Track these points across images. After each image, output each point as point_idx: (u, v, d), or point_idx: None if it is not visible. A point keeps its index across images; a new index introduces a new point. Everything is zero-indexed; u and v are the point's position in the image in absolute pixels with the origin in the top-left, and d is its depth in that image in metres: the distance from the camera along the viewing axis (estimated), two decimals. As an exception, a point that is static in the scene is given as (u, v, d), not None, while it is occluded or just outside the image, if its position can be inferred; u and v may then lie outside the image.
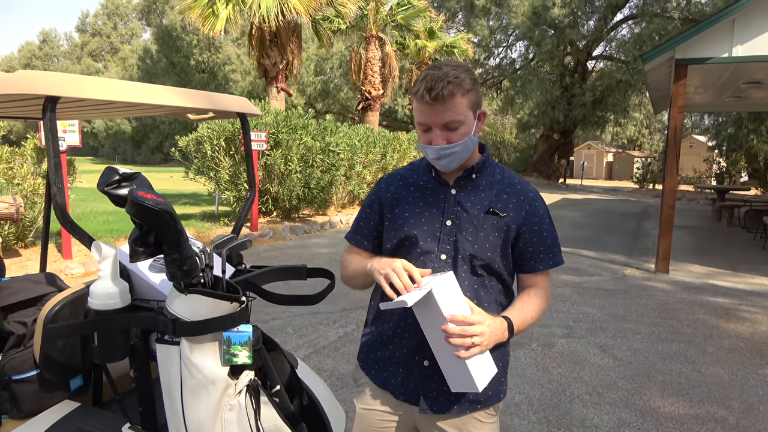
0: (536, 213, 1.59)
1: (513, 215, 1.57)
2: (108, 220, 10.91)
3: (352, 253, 1.76)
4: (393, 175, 1.75)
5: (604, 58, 26.85)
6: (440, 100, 1.42)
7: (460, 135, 1.48)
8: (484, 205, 1.57)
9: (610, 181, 38.83)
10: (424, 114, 1.47)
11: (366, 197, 1.80)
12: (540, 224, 1.59)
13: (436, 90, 1.42)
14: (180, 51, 42.93)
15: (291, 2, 10.80)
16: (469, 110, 1.48)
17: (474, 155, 1.62)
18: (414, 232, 1.59)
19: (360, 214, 1.76)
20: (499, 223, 1.56)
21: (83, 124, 57.65)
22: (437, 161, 1.53)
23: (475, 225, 1.56)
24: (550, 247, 1.61)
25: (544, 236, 1.60)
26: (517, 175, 1.70)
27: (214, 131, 9.73)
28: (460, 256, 1.56)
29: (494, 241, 1.56)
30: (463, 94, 1.45)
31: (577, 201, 19.57)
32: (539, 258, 1.60)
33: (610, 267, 8.09)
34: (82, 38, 64.89)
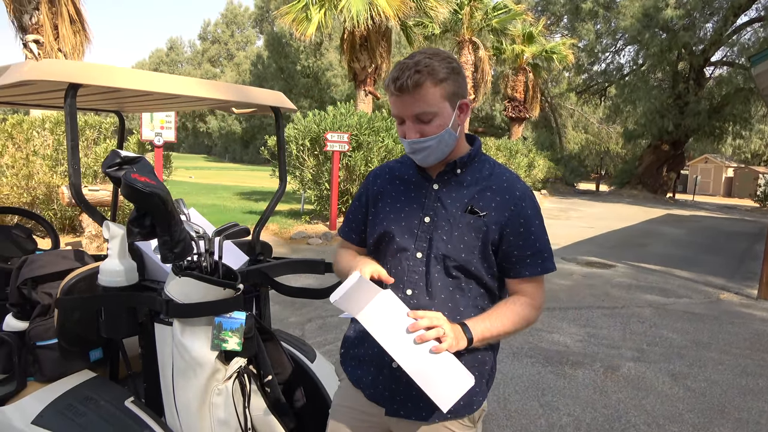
0: (522, 213, 1.47)
1: (494, 215, 1.47)
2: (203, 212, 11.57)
3: (343, 247, 1.74)
4: (382, 168, 1.70)
5: (723, 63, 24.58)
6: (406, 91, 1.36)
7: (435, 127, 1.40)
8: (464, 202, 1.49)
9: (728, 198, 35.46)
10: (395, 105, 1.42)
11: None
12: (526, 226, 1.47)
13: (401, 80, 1.35)
14: (288, 57, 45.07)
15: (380, 6, 10.95)
16: (444, 101, 1.39)
17: (459, 149, 1.53)
18: (392, 228, 1.54)
19: (351, 206, 1.74)
20: (476, 223, 1.46)
21: (200, 124, 62.29)
22: (413, 155, 1.48)
23: (451, 223, 1.47)
24: (538, 252, 1.48)
25: (531, 240, 1.48)
26: (509, 171, 1.58)
27: (300, 132, 10.08)
28: (433, 256, 1.48)
29: (470, 242, 1.46)
30: (434, 83, 1.36)
31: (682, 217, 18.06)
32: (525, 263, 1.48)
33: (704, 290, 7.37)
34: (203, 45, 70.15)
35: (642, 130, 25.42)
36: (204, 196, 15.81)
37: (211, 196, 15.93)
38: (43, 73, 1.79)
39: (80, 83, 1.83)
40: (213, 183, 22.30)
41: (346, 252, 1.69)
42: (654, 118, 22.88)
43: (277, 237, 9.47)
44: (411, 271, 1.50)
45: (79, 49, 10.53)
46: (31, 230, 2.64)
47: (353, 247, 1.70)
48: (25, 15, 9.98)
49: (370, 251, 1.64)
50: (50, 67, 1.81)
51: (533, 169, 18.62)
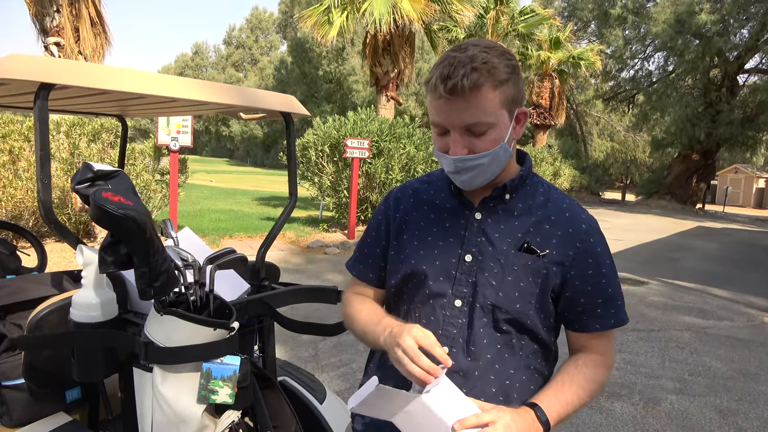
0: (591, 251, 1.17)
1: (557, 254, 1.16)
2: (219, 218, 11.48)
3: (356, 290, 1.41)
4: (404, 189, 1.38)
5: (759, 71, 23.74)
6: (460, 94, 1.05)
7: (489, 142, 1.10)
8: (517, 237, 1.18)
9: (759, 210, 34.33)
10: (439, 111, 1.10)
11: (373, 215, 1.44)
12: (596, 267, 1.17)
13: (454, 78, 1.04)
14: (311, 62, 45.13)
15: (404, 9, 10.68)
16: (502, 108, 1.09)
17: (509, 169, 1.22)
18: (423, 267, 1.23)
19: (364, 237, 1.42)
20: (535, 265, 1.16)
21: (222, 128, 62.81)
22: (456, 176, 1.16)
23: (502, 264, 1.17)
24: (610, 300, 1.18)
25: (602, 284, 1.17)
26: (567, 196, 1.26)
27: (319, 137, 9.84)
28: (478, 305, 1.17)
29: (527, 288, 1.15)
30: (494, 86, 1.07)
31: (714, 230, 17.39)
32: (595, 313, 1.18)
33: (746, 311, 6.88)
34: (228, 50, 70.87)
35: (671, 138, 24.70)
36: (222, 201, 15.68)
37: (229, 201, 15.80)
38: (8, 71, 1.52)
39: (53, 83, 1.55)
40: (233, 187, 22.24)
41: (361, 301, 1.36)
42: (684, 126, 22.18)
43: (294, 245, 9.22)
44: (448, 324, 1.19)
45: (99, 51, 10.44)
46: (15, 246, 2.39)
47: (369, 289, 1.38)
48: (46, 17, 9.93)
49: (391, 294, 1.32)
50: (17, 64, 1.53)
51: (558, 178, 18.13)
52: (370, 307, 1.31)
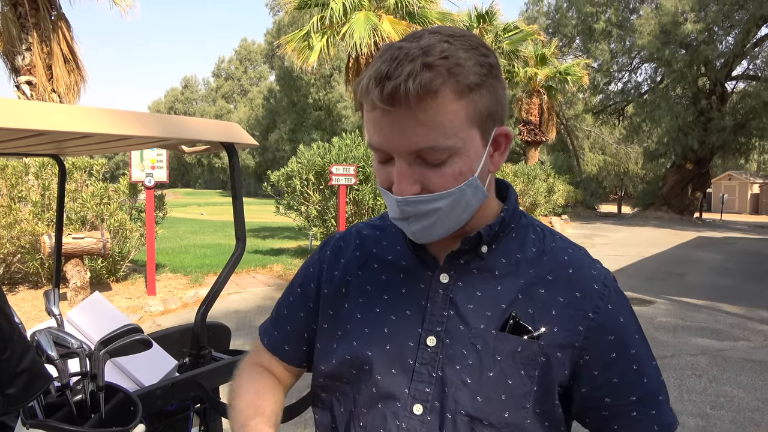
0: (612, 325, 0.79)
1: (559, 331, 0.78)
2: (205, 254, 11.05)
3: (259, 361, 1.00)
4: (348, 236, 0.98)
5: (746, 77, 23.71)
6: (403, 103, 0.69)
7: (450, 176, 0.74)
8: (500, 309, 0.80)
9: (756, 216, 34.11)
10: (376, 128, 0.73)
11: (301, 265, 1.03)
12: (622, 348, 0.79)
13: (396, 79, 0.68)
14: (299, 90, 45.23)
15: (384, 30, 10.46)
16: (471, 127, 0.73)
17: (486, 209, 0.83)
18: (367, 354, 0.84)
19: (286, 292, 1.01)
20: (528, 351, 0.78)
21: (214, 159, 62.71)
22: (403, 224, 0.78)
23: (478, 352, 0.79)
24: (648, 396, 0.80)
25: (634, 373, 0.79)
26: (571, 244, 0.87)
27: (303, 165, 9.50)
28: (449, 415, 0.78)
29: (519, 388, 0.78)
30: (458, 92, 0.70)
31: (715, 240, 17.04)
32: (629, 417, 0.80)
33: (760, 329, 6.47)
34: (217, 82, 71.19)
35: (665, 149, 24.53)
36: (210, 235, 15.28)
37: (218, 235, 15.40)
38: None
39: None
40: (223, 220, 21.85)
41: (253, 378, 0.96)
42: (677, 136, 22.01)
43: (281, 279, 8.79)
44: None
45: (73, 88, 10.16)
46: None
47: (279, 366, 0.98)
48: (17, 56, 9.64)
49: (320, 386, 0.91)
50: None
51: (553, 195, 17.82)
52: (257, 390, 0.92)
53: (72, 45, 10.09)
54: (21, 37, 9.42)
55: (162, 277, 8.36)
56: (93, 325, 1.36)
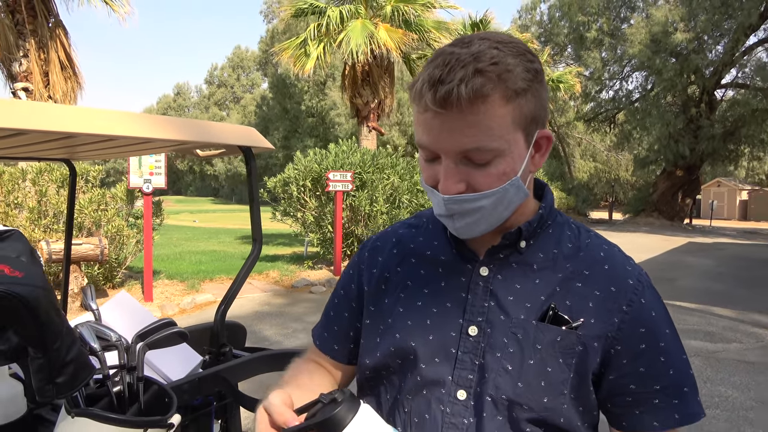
0: (644, 318, 0.84)
1: (596, 323, 0.83)
2: (200, 260, 11.06)
3: (311, 357, 1.06)
4: (385, 236, 1.04)
5: (735, 85, 24.07)
6: (455, 106, 0.73)
7: (495, 176, 0.79)
8: (540, 302, 0.85)
9: (744, 222, 34.50)
10: (426, 129, 0.78)
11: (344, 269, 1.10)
12: (652, 340, 0.84)
13: (448, 84, 0.73)
14: (292, 97, 45.28)
15: (381, 38, 10.56)
16: (516, 130, 0.78)
17: (525, 207, 0.89)
18: (411, 344, 0.89)
19: (332, 295, 1.07)
20: (566, 340, 0.83)
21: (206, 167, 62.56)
22: (448, 220, 0.84)
23: (519, 341, 0.84)
24: (673, 386, 0.84)
25: (661, 364, 0.84)
26: (606, 241, 0.92)
27: (300, 172, 9.56)
28: (489, 399, 0.84)
29: (557, 375, 0.83)
30: (507, 97, 0.75)
31: (706, 245, 17.23)
32: (651, 405, 0.83)
33: (753, 331, 6.58)
34: (210, 89, 71.15)
35: (655, 156, 24.79)
36: (204, 242, 15.27)
37: (212, 242, 15.38)
38: None
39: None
40: (216, 227, 21.82)
41: (302, 365, 1.03)
42: (668, 143, 22.27)
43: (278, 285, 8.82)
44: (449, 426, 0.85)
45: (70, 95, 10.17)
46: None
47: (330, 363, 1.04)
48: (14, 63, 9.65)
49: (366, 378, 0.97)
50: None
51: (546, 201, 17.97)
52: (303, 369, 0.98)
53: (69, 51, 10.11)
54: (18, 44, 9.43)
55: (158, 284, 8.37)
56: (123, 320, 1.41)
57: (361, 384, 1.00)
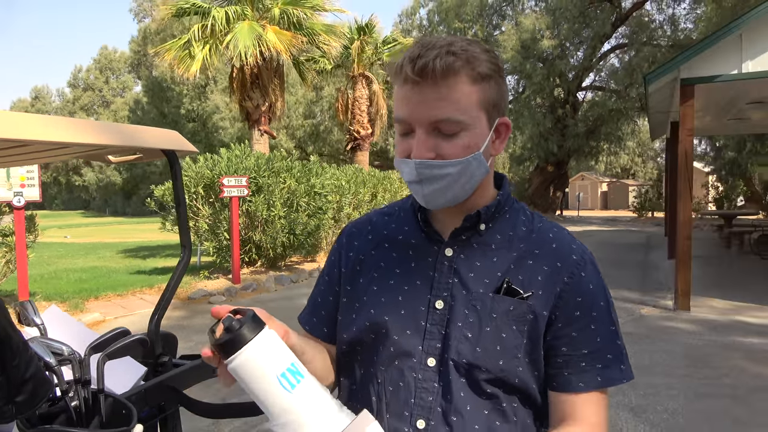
0: (581, 289, 0.95)
1: (543, 294, 0.94)
2: (81, 278, 10.20)
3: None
4: (360, 223, 1.13)
5: (594, 88, 26.72)
6: (430, 77, 0.86)
7: (460, 147, 0.89)
8: (496, 277, 0.95)
9: (606, 211, 38.42)
10: (403, 102, 0.90)
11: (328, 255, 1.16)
12: (585, 309, 0.95)
13: (425, 58, 0.86)
14: (170, 101, 43.01)
15: (270, 41, 10.40)
16: (480, 110, 0.90)
17: (484, 192, 1.00)
18: (384, 318, 0.98)
19: (317, 283, 1.14)
20: (518, 310, 0.94)
21: (74, 178, 57.43)
22: (417, 186, 0.93)
23: (478, 311, 0.94)
24: (598, 351, 0.95)
25: (590, 331, 0.95)
26: (555, 225, 1.04)
27: (191, 179, 9.15)
28: (451, 363, 0.94)
29: (511, 340, 0.93)
30: (473, 78, 0.89)
31: (578, 233, 18.94)
32: (578, 368, 0.94)
33: (624, 306, 7.38)
34: (75, 93, 65.27)
35: (529, 153, 26.76)
36: (82, 258, 14.06)
37: (91, 257, 14.20)
38: None
39: None
40: (93, 242, 20.14)
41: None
42: (539, 141, 24.16)
43: (175, 299, 8.36)
44: (421, 389, 0.95)
45: None
46: None
47: (320, 343, 1.09)
48: None
49: (342, 353, 1.05)
50: None
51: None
52: (307, 341, 1.03)
53: None
54: None
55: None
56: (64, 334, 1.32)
57: (338, 359, 1.07)
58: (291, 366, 0.77)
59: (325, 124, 33.57)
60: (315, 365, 0.99)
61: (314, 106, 34.15)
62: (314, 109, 34.31)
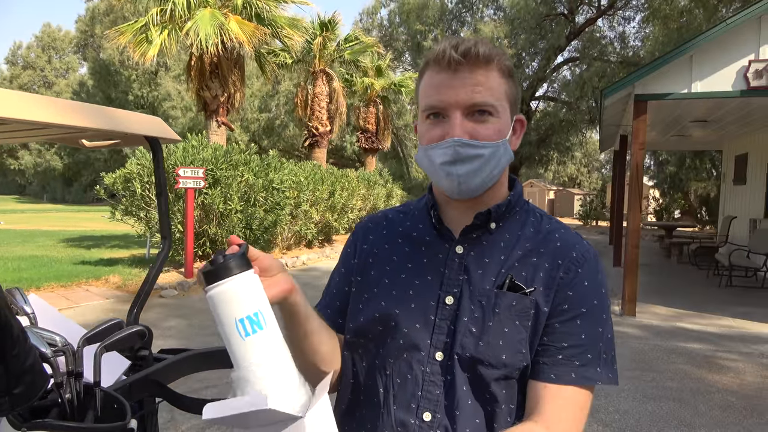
0: (574, 284, 0.96)
1: (543, 290, 0.96)
2: (19, 267, 9.67)
3: None
4: (376, 218, 1.15)
5: (547, 98, 27.55)
6: (474, 61, 0.93)
7: (493, 131, 0.95)
8: (502, 274, 0.98)
9: (553, 217, 39.66)
10: (440, 88, 0.95)
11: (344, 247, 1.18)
12: (574, 304, 0.95)
13: (467, 44, 0.94)
14: (118, 86, 41.42)
15: (232, 31, 10.17)
16: (506, 101, 0.98)
17: (500, 188, 1.03)
18: (395, 311, 1.00)
19: (332, 274, 1.16)
20: (521, 304, 0.95)
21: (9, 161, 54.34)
22: (451, 167, 0.94)
23: (482, 306, 0.96)
24: (579, 347, 0.94)
25: (576, 326, 0.94)
26: (564, 226, 1.06)
27: (144, 167, 8.84)
28: (456, 357, 0.96)
29: (514, 335, 0.94)
30: (502, 71, 0.97)
31: (527, 239, 19.49)
32: (555, 359, 0.93)
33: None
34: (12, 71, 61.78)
35: (483, 159, 27.32)
36: (20, 246, 13.33)
37: (29, 246, 13.48)
38: None
39: None
40: (30, 229, 19.14)
41: None
42: (494, 147, 24.72)
43: (122, 291, 8.08)
44: (428, 383, 0.96)
45: None
46: None
47: (337, 336, 1.09)
48: None
49: (348, 343, 1.06)
50: None
51: (392, 199, 18.84)
52: None
53: None
54: None
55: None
56: (52, 324, 1.26)
57: (343, 352, 1.07)
58: (254, 314, 0.76)
59: (281, 118, 33.14)
60: (320, 338, 1.00)
61: (270, 100, 33.66)
62: (270, 103, 33.81)
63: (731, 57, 6.52)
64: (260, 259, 0.87)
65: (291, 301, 0.92)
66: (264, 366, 0.73)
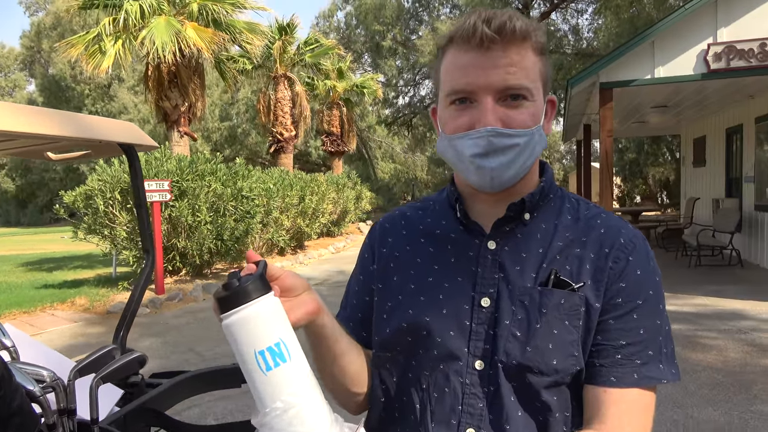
0: (627, 274, 0.87)
1: (593, 284, 0.86)
2: (-23, 295, 9.16)
3: None
4: (393, 218, 1.03)
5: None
6: (509, 37, 0.82)
7: (528, 116, 0.85)
8: (543, 269, 0.88)
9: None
10: (468, 70, 0.83)
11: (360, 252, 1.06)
12: (629, 296, 0.86)
13: (500, 19, 0.82)
14: (70, 102, 40.07)
15: (189, 38, 9.90)
16: (540, 81, 0.87)
17: (531, 176, 0.93)
18: (425, 319, 0.90)
19: (350, 283, 1.04)
20: (570, 302, 0.85)
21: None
22: (483, 160, 0.84)
23: (526, 308, 0.86)
24: (640, 344, 0.85)
25: (632, 321, 0.85)
26: (603, 210, 0.97)
27: (106, 183, 8.50)
28: (500, 366, 0.85)
29: (564, 336, 0.84)
30: (536, 49, 0.86)
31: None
32: (613, 359, 0.84)
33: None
34: (-46, 91, 59.14)
35: (447, 155, 27.52)
36: (-21, 272, 12.69)
37: (-14, 271, 12.84)
38: None
39: None
40: (-14, 254, 18.27)
41: None
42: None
43: (90, 313, 7.74)
44: (469, 396, 0.87)
45: None
46: None
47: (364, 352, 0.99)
48: None
49: (377, 360, 0.95)
50: None
51: (361, 201, 18.74)
52: None
53: None
54: None
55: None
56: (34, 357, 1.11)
57: (373, 368, 0.98)
58: (275, 345, 0.66)
59: (242, 126, 32.66)
60: (350, 359, 0.91)
61: (230, 109, 33.12)
62: (230, 111, 33.28)
63: (691, 41, 6.67)
64: (281, 278, 0.77)
65: (318, 323, 0.82)
66: (290, 409, 0.63)
